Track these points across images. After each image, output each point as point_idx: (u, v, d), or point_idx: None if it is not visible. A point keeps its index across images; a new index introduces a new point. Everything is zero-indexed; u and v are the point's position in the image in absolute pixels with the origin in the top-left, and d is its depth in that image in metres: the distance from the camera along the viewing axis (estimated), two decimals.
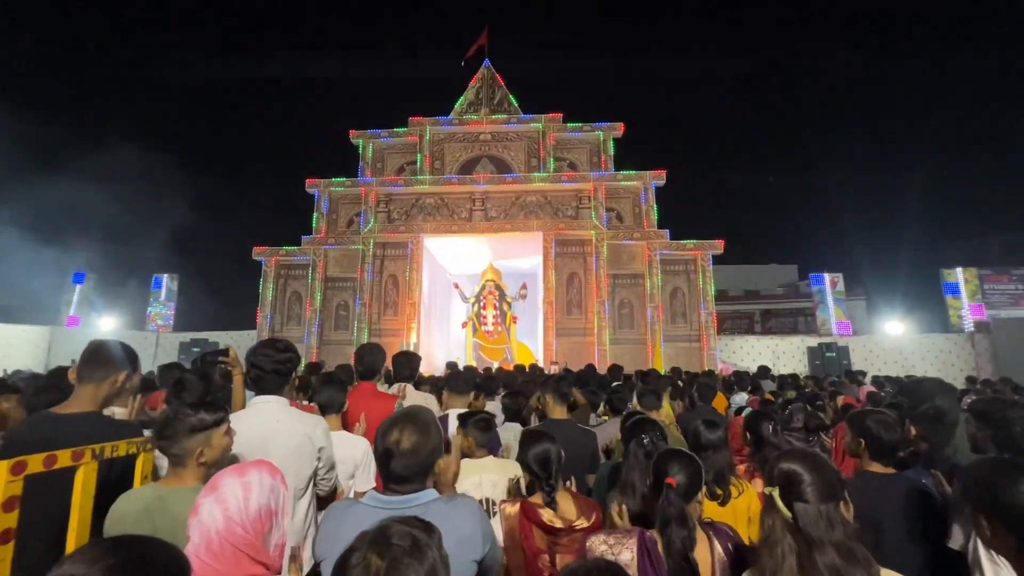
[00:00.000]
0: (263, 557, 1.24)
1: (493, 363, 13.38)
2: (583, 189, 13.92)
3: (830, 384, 7.27)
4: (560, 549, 1.97)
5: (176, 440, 1.63)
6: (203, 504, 1.22)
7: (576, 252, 13.92)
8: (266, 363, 2.14)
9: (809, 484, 1.29)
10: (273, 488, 1.32)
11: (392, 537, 0.94)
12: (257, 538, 1.23)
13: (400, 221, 14.23)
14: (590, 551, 1.55)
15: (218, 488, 1.24)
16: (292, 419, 2.10)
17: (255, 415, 2.10)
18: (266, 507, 1.27)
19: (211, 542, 1.17)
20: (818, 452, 1.42)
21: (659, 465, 1.65)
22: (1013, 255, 22.23)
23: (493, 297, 14.16)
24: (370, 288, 13.92)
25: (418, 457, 1.41)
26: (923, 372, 12.00)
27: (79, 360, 2.00)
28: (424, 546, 0.94)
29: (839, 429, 3.17)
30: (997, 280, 15.76)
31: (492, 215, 14.02)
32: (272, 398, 2.13)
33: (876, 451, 1.98)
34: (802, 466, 1.32)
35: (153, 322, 16.26)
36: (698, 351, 13.35)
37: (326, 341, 13.90)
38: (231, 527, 1.20)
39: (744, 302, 23.50)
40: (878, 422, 1.99)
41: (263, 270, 14.36)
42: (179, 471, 1.64)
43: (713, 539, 1.53)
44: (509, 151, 14.59)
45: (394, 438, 1.41)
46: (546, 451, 2.06)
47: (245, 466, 1.33)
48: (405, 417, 1.48)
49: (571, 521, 2.01)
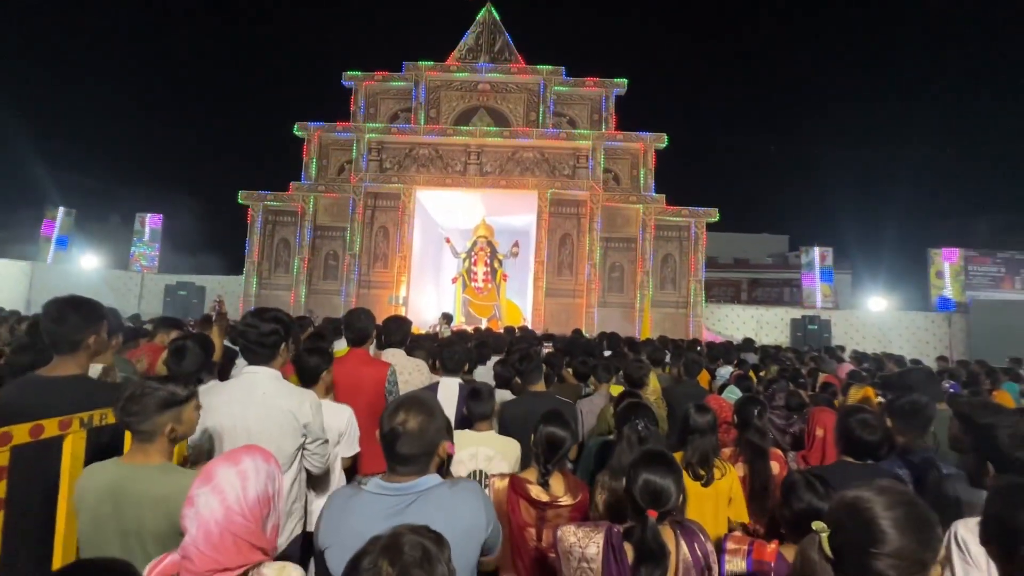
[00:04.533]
0: (262, 542, 1.25)
1: (482, 319, 13.48)
2: (582, 148, 13.58)
3: (810, 359, 7.45)
4: (547, 524, 2.03)
5: (146, 416, 1.57)
6: (199, 495, 1.21)
7: (571, 213, 13.75)
8: (251, 334, 2.09)
9: (888, 552, 0.99)
10: (269, 473, 1.32)
11: (404, 546, 0.95)
12: (257, 525, 1.24)
13: (392, 171, 13.85)
14: (561, 542, 1.58)
15: (213, 478, 1.23)
16: (278, 394, 2.07)
17: (239, 386, 2.07)
18: (264, 493, 1.27)
19: (210, 533, 1.18)
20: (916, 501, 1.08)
21: (637, 477, 1.54)
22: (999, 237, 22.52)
23: (484, 253, 14.06)
24: (360, 239, 13.71)
25: (424, 439, 1.41)
26: (899, 348, 12.36)
27: (49, 319, 1.92)
28: (434, 558, 0.96)
29: (815, 412, 3.27)
30: (981, 262, 16.02)
31: (487, 170, 13.69)
32: (260, 369, 2.10)
33: (855, 450, 2.04)
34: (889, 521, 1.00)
35: (137, 262, 15.96)
36: (684, 318, 13.54)
37: (315, 290, 13.82)
38: (231, 516, 1.20)
39: (733, 270, 23.70)
40: (861, 423, 2.04)
41: (250, 215, 14.02)
42: (145, 448, 1.59)
43: (680, 539, 1.53)
44: (508, 103, 14.07)
45: (400, 419, 1.41)
46: (561, 439, 2.07)
47: (237, 453, 1.31)
48: (411, 400, 1.48)
49: (558, 498, 2.07)
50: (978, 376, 6.91)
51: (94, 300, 2.05)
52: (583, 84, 13.98)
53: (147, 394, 1.58)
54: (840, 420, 2.14)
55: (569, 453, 2.36)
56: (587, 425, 3.46)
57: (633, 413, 2.26)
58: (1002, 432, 1.67)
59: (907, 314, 14.85)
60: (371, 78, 14.27)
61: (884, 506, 1.02)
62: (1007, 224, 25.69)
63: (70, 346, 1.92)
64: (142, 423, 1.57)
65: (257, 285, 13.89)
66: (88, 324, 1.95)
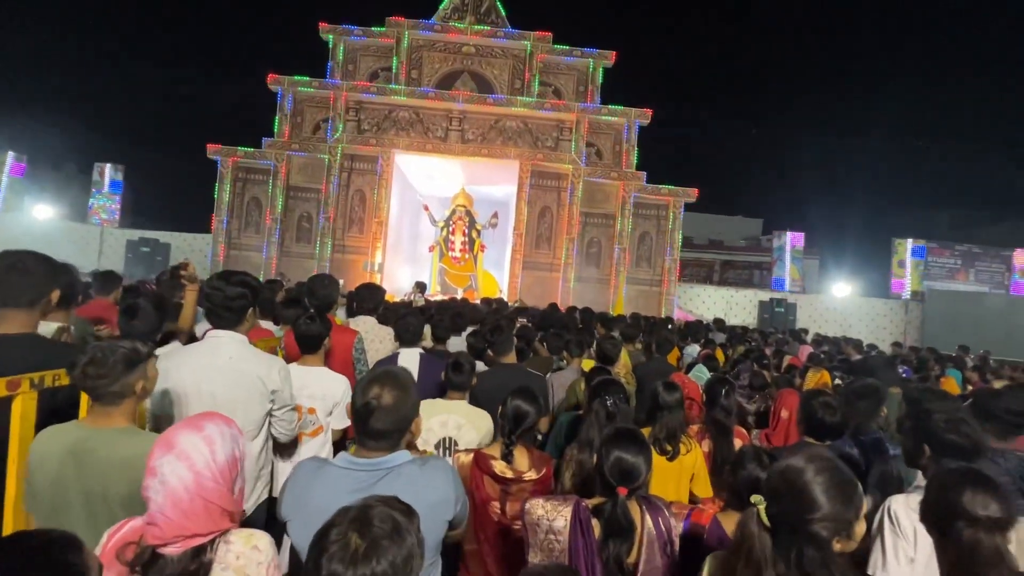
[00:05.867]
0: (231, 506, 1.25)
1: (458, 289, 13.43)
2: (566, 120, 13.38)
3: (775, 341, 7.72)
4: (510, 498, 2.07)
5: (115, 377, 1.50)
6: (162, 464, 1.17)
7: (551, 186, 13.64)
8: (216, 297, 2.01)
9: (820, 516, 1.06)
10: (233, 437, 1.30)
11: (374, 518, 0.94)
12: (228, 487, 1.23)
13: (371, 133, 13.40)
14: (528, 514, 1.61)
15: (176, 445, 1.19)
16: (244, 358, 2.01)
17: (203, 351, 2.01)
18: (231, 456, 1.26)
19: (180, 500, 1.15)
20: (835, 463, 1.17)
21: (609, 454, 1.56)
22: (960, 230, 23.48)
23: (463, 223, 13.88)
24: (335, 201, 13.34)
25: (398, 414, 1.40)
26: (858, 333, 12.88)
27: (10, 269, 1.80)
28: (404, 530, 0.95)
29: (782, 393, 3.40)
30: (940, 253, 16.70)
31: (469, 137, 13.39)
32: (225, 333, 2.03)
33: (816, 431, 2.13)
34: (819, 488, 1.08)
35: (96, 215, 15.18)
36: (658, 296, 13.78)
37: (287, 252, 13.46)
38: (202, 482, 1.18)
39: (707, 251, 24.11)
40: (823, 406, 2.13)
41: (219, 171, 13.43)
42: (109, 410, 1.53)
43: (646, 514, 1.58)
44: (493, 69, 13.67)
45: (375, 393, 1.39)
46: (526, 413, 2.10)
47: (198, 420, 1.28)
48: (385, 375, 1.47)
49: (522, 473, 2.10)
50: (927, 362, 7.28)
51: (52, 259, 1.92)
52: (570, 53, 13.67)
53: (110, 355, 1.51)
54: (804, 402, 2.22)
55: (539, 426, 2.40)
56: (558, 398, 3.51)
57: (604, 389, 2.29)
58: (938, 417, 1.77)
59: (868, 300, 15.49)
60: (350, 33, 13.61)
61: (813, 472, 1.11)
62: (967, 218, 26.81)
63: (29, 301, 1.81)
64: (110, 385, 1.51)
65: (226, 245, 13.43)
66: (54, 278, 1.84)
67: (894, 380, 3.65)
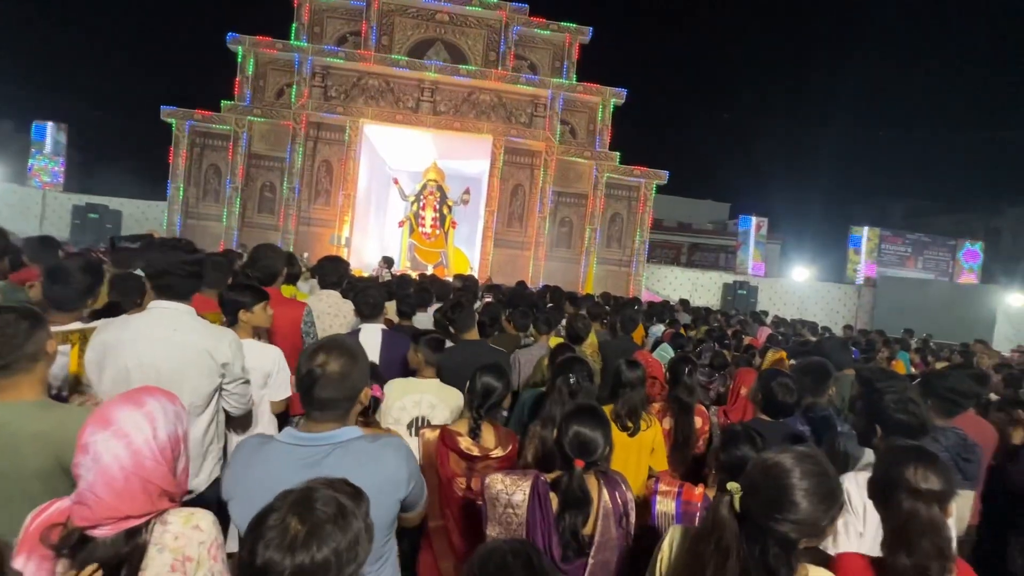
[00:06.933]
0: (171, 487, 1.17)
1: (428, 266, 13.25)
2: (540, 96, 13.17)
3: (736, 322, 7.95)
4: (476, 475, 2.06)
5: (18, 346, 1.40)
6: (96, 441, 1.08)
7: (524, 163, 13.49)
8: (160, 263, 1.88)
9: (794, 519, 1.05)
10: (177, 414, 1.23)
11: (317, 502, 0.89)
12: (168, 467, 1.16)
13: (338, 100, 12.87)
14: (488, 489, 1.61)
15: (112, 422, 1.11)
16: (191, 330, 1.90)
17: (147, 322, 1.89)
18: (174, 435, 1.19)
19: (114, 479, 1.07)
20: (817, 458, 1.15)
21: (568, 429, 1.58)
22: (914, 219, 24.62)
23: (434, 198, 13.60)
24: (300, 172, 12.83)
25: (345, 384, 1.33)
26: (813, 316, 13.43)
27: None
28: (349, 514, 0.90)
29: (741, 372, 3.51)
30: (893, 241, 17.45)
31: (441, 109, 13.03)
32: (171, 304, 1.91)
33: (772, 410, 2.19)
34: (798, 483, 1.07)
35: (37, 178, 14.15)
36: (627, 276, 13.96)
37: (248, 223, 12.94)
38: (140, 461, 1.10)
39: (676, 233, 24.51)
40: (782, 386, 2.19)
41: (174, 135, 12.68)
42: (15, 382, 1.42)
43: (603, 488, 1.60)
44: (467, 39, 13.27)
45: (320, 361, 1.31)
46: (493, 388, 2.09)
47: (138, 394, 1.19)
48: (332, 342, 1.39)
49: (488, 450, 2.09)
50: (875, 344, 7.67)
51: None
52: (547, 27, 13.38)
53: (6, 324, 1.40)
54: (763, 382, 2.28)
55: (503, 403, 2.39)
56: (524, 375, 3.51)
57: (569, 367, 2.29)
58: (888, 396, 1.84)
59: (824, 285, 16.16)
60: None
61: (799, 475, 1.08)
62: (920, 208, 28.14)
63: None
64: (9, 354, 1.39)
65: (183, 214, 12.78)
66: None
67: (848, 362, 3.81)
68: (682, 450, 2.58)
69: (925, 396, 2.24)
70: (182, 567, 1.12)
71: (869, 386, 2.09)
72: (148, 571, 1.09)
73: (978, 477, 2.34)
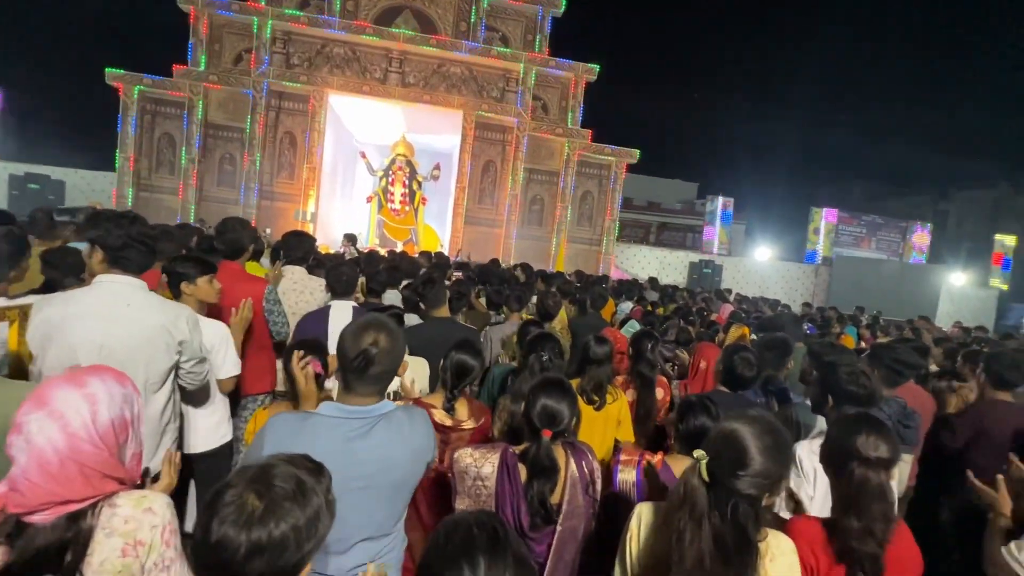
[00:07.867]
0: (118, 472, 1.10)
1: (397, 243, 13.02)
2: (512, 70, 12.92)
3: (701, 300, 8.16)
4: (448, 447, 2.06)
5: None
6: (29, 422, 1.01)
7: (496, 139, 13.30)
8: (109, 238, 1.77)
9: (752, 473, 1.13)
10: (126, 397, 1.14)
11: (275, 478, 0.87)
12: (111, 453, 1.08)
13: (301, 68, 12.30)
14: (457, 462, 1.62)
15: (49, 402, 1.03)
16: (145, 307, 1.81)
17: (96, 298, 1.77)
18: (120, 418, 1.10)
19: (47, 463, 1.00)
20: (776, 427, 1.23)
21: (536, 401, 1.60)
22: (872, 202, 25.66)
23: (403, 173, 13.29)
24: (262, 143, 12.29)
25: (394, 358, 1.38)
26: (774, 294, 13.95)
27: None
28: (309, 491, 0.88)
29: (700, 346, 3.60)
30: (849, 223, 18.17)
31: (410, 81, 12.63)
32: (121, 278, 1.80)
33: (732, 382, 2.27)
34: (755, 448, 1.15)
35: None
36: (597, 254, 14.10)
37: (207, 197, 12.36)
38: (76, 445, 1.02)
39: (646, 212, 24.84)
40: (743, 361, 2.27)
41: (122, 101, 11.89)
42: None
43: (570, 458, 1.64)
44: (437, 7, 12.81)
45: (371, 339, 1.33)
46: (470, 367, 2.11)
47: (81, 375, 1.11)
48: (374, 321, 1.41)
49: (461, 421, 2.10)
50: (831, 320, 8.03)
51: None
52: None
53: None
54: (726, 356, 2.35)
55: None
56: (494, 352, 3.52)
57: (540, 344, 2.31)
58: (842, 369, 1.94)
59: (784, 264, 16.77)
60: None
61: (754, 435, 1.18)
62: (876, 191, 29.34)
63: None
64: None
65: (134, 186, 12.09)
66: None
67: (799, 336, 3.98)
68: (644, 422, 2.65)
69: (873, 366, 2.36)
70: (133, 551, 1.06)
71: (819, 359, 2.19)
72: (95, 556, 1.03)
73: (917, 442, 2.49)
